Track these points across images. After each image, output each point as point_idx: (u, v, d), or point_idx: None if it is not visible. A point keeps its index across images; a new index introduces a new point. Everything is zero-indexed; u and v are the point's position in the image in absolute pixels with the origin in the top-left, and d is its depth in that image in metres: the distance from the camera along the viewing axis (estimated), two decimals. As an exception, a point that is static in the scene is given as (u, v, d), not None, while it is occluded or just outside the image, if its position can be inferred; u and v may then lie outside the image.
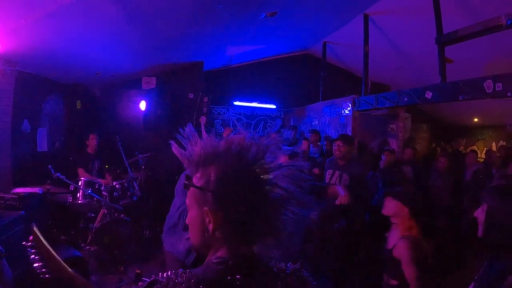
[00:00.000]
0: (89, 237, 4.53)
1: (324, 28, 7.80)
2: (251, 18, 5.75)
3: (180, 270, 0.91)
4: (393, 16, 6.61)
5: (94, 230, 4.53)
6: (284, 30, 7.18)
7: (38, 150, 5.49)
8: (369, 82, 7.14)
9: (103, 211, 4.71)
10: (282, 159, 1.04)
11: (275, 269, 1.02)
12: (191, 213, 1.04)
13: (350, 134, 7.23)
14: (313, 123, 8.85)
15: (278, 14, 5.72)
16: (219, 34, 6.28)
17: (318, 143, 7.17)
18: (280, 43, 8.55)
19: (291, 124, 9.85)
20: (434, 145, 10.79)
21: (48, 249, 1.35)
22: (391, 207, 2.75)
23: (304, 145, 6.55)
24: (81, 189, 4.71)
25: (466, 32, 4.74)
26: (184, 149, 1.06)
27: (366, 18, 6.82)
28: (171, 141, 1.09)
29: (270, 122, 10.28)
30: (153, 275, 0.95)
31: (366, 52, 6.99)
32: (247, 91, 9.89)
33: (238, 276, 0.90)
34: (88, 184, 4.86)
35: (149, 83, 7.54)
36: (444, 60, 5.24)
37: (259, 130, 9.70)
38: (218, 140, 1.04)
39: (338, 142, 4.59)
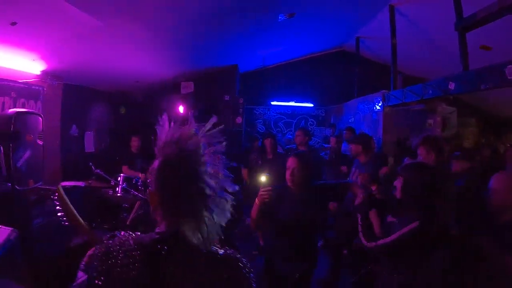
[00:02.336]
0: (126, 226, 5.11)
1: (355, 24, 7.85)
2: (270, 21, 6.03)
3: (137, 233, 1.17)
4: (420, 5, 6.39)
5: (129, 220, 5.13)
6: (315, 29, 7.34)
7: (85, 151, 6.24)
8: (400, 75, 6.98)
9: (138, 203, 5.29)
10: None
11: (203, 250, 1.14)
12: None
13: (381, 131, 7.20)
14: (349, 120, 8.88)
15: (307, 13, 5.93)
16: (248, 38, 6.65)
17: None
18: (313, 42, 8.74)
19: (331, 122, 10.01)
20: (483, 141, 10.21)
21: (67, 203, 1.74)
22: None
23: (331, 142, 6.74)
24: (119, 184, 5.33)
25: (485, 13, 4.45)
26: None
27: (392, 9, 6.67)
28: (156, 126, 1.27)
29: (311, 121, 10.49)
30: (115, 232, 1.25)
31: (394, 44, 6.80)
32: (284, 90, 10.15)
33: (166, 247, 1.10)
34: (125, 179, 5.47)
35: (187, 87, 8.11)
36: (465, 46, 4.98)
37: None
38: (176, 131, 1.20)
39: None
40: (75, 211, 1.77)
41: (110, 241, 1.14)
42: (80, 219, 1.79)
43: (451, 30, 5.83)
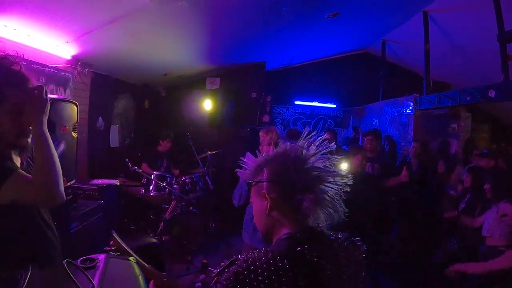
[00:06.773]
0: (160, 228, 4.50)
1: (383, 27, 7.45)
2: (314, 20, 5.57)
3: (256, 251, 0.99)
4: (453, 13, 6.18)
5: (165, 220, 4.49)
6: (344, 29, 6.93)
7: (110, 146, 5.58)
8: (431, 81, 6.68)
9: (174, 203, 4.65)
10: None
11: (331, 237, 1.10)
12: (255, 206, 1.19)
13: (412, 133, 6.80)
14: (373, 123, 8.43)
15: (339, 14, 5.49)
16: (282, 35, 6.13)
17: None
18: (339, 42, 8.28)
19: (351, 124, 9.53)
20: (495, 146, 9.83)
21: (129, 252, 1.43)
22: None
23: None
24: (153, 181, 4.68)
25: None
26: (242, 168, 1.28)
27: (425, 16, 6.41)
28: (236, 171, 1.32)
29: (330, 122, 9.91)
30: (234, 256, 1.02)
31: (427, 50, 6.56)
32: (308, 90, 9.62)
33: (306, 246, 0.98)
34: (160, 178, 4.82)
35: (213, 83, 7.44)
36: (506, 57, 4.82)
37: (319, 129, 9.32)
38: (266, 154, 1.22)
39: (369, 137, 4.97)
40: (144, 263, 1.41)
41: (243, 263, 0.96)
42: (153, 269, 1.41)
43: (481, 39, 6.06)
